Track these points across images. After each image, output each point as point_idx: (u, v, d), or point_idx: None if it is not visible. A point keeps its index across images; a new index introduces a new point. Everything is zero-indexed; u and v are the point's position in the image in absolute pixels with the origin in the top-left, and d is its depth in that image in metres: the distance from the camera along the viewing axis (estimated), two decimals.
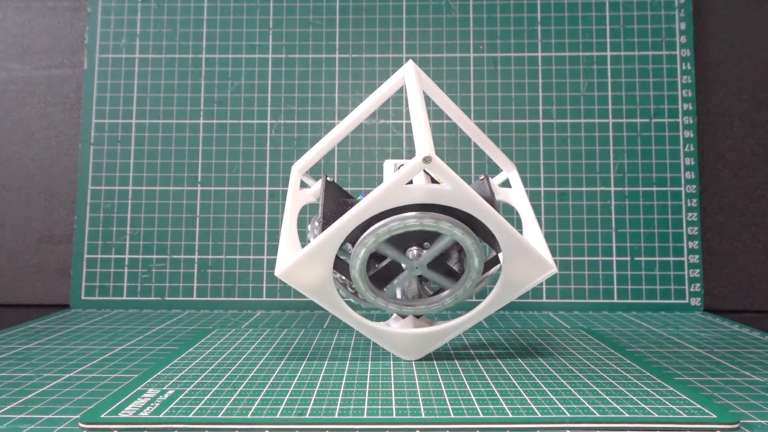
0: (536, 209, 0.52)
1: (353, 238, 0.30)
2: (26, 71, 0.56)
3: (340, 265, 0.32)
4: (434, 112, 0.53)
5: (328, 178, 0.35)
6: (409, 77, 0.33)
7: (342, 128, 0.36)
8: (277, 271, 0.30)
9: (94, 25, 0.54)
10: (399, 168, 0.33)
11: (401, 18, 0.54)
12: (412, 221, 0.29)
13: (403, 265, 0.31)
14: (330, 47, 0.54)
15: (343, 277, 0.32)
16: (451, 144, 0.53)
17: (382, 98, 0.36)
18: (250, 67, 0.54)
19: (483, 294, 0.48)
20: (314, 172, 0.52)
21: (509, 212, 0.51)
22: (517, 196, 0.36)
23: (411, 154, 0.53)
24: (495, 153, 0.38)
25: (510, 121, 0.53)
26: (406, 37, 0.54)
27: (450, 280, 0.32)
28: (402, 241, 0.30)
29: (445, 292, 0.32)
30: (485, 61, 0.54)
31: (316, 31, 0.54)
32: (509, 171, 0.38)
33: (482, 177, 0.36)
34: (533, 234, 0.33)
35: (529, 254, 0.30)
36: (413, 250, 0.31)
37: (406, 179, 0.28)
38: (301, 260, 0.30)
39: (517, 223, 0.50)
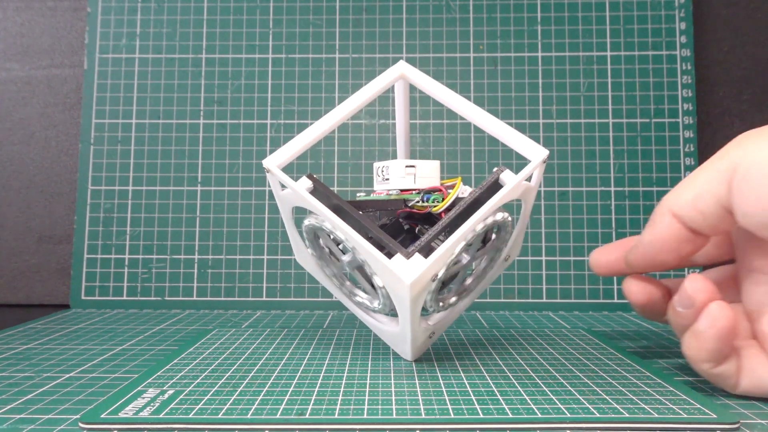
0: (536, 209, 0.52)
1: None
2: (26, 71, 0.56)
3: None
4: (435, 112, 0.53)
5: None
6: (379, 83, 0.34)
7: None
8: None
9: (94, 25, 0.54)
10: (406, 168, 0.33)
11: (401, 18, 0.54)
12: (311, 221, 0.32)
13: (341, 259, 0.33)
14: (330, 47, 0.54)
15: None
16: (451, 144, 0.53)
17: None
18: (250, 67, 0.54)
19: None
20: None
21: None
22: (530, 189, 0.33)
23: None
24: (517, 141, 0.33)
25: (510, 121, 0.53)
26: (406, 37, 0.54)
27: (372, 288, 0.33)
28: None
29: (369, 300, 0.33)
30: (485, 61, 0.54)
31: (316, 31, 0.54)
32: (536, 159, 0.32)
33: (496, 170, 0.32)
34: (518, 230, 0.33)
35: (380, 263, 0.28)
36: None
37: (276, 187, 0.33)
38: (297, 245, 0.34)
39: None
